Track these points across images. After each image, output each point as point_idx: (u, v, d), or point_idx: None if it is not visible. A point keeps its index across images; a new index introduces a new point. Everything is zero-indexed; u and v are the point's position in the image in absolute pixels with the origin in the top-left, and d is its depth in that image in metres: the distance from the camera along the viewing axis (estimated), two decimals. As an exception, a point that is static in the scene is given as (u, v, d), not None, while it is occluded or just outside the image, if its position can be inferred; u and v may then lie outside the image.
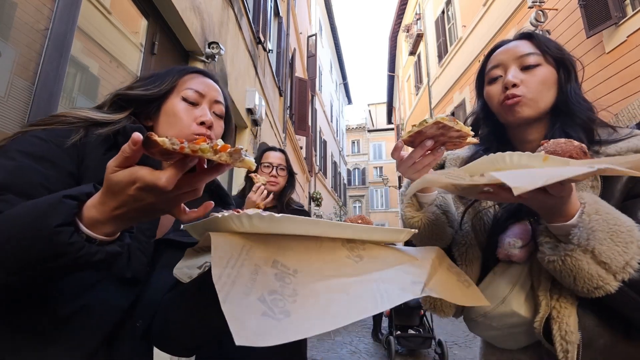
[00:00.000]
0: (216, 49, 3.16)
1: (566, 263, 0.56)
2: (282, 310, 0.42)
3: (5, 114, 1.34)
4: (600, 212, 0.57)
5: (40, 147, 0.58)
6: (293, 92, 9.25)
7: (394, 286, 0.52)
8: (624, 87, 4.62)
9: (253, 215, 0.44)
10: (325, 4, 16.74)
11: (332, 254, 0.53)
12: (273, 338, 0.39)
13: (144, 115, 0.73)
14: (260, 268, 0.44)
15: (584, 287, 0.56)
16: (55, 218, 0.42)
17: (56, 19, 1.52)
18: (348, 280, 0.50)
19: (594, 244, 0.55)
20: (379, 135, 30.94)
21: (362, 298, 0.49)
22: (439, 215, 0.77)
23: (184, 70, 0.77)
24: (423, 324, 4.73)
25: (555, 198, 0.55)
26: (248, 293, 0.41)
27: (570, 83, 0.76)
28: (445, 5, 10.74)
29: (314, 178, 13.04)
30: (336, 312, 0.45)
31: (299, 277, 0.47)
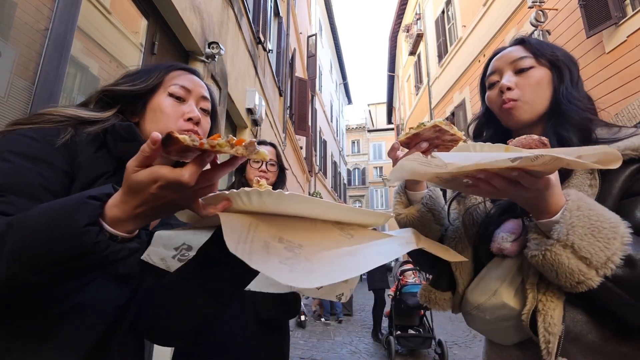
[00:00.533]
0: (216, 49, 3.16)
1: (546, 257, 0.58)
2: (304, 267, 0.44)
3: (5, 114, 1.34)
4: (581, 208, 0.58)
5: (33, 147, 0.58)
6: (293, 92, 9.25)
7: (387, 246, 0.56)
8: (624, 87, 4.62)
9: (263, 192, 0.45)
10: (325, 4, 16.74)
11: (327, 233, 0.57)
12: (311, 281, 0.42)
13: (130, 112, 0.73)
14: (269, 243, 0.46)
15: (567, 281, 0.57)
16: (82, 218, 0.43)
17: (56, 19, 1.52)
18: (351, 248, 0.54)
19: (572, 238, 0.56)
20: (379, 135, 30.94)
21: (370, 254, 0.52)
22: (424, 212, 0.81)
23: (170, 66, 0.77)
24: (423, 324, 4.73)
25: (531, 191, 0.57)
26: (267, 260, 0.43)
27: (563, 83, 0.77)
28: (445, 5, 10.73)
29: (314, 178, 13.05)
30: (351, 267, 0.48)
31: (305, 249, 0.49)
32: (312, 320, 7.14)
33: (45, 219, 0.44)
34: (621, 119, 0.79)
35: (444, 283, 0.85)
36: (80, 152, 0.62)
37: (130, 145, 0.65)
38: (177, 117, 0.71)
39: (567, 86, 0.77)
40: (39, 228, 0.44)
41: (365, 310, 8.00)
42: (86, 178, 0.61)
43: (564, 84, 0.77)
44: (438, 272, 0.87)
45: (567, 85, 0.77)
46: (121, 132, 0.65)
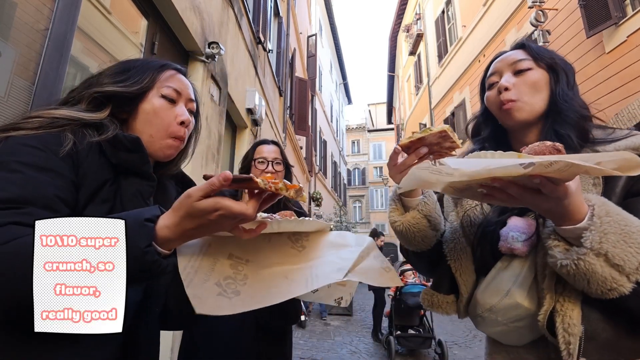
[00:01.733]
0: (216, 49, 3.16)
1: (579, 267, 0.56)
2: (234, 290, 0.54)
3: (5, 114, 1.34)
4: (610, 213, 0.57)
5: (39, 156, 0.58)
6: (293, 92, 9.25)
7: (322, 272, 0.63)
8: (624, 87, 4.62)
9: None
10: (325, 4, 16.74)
11: (279, 245, 0.65)
12: (225, 310, 0.51)
13: (120, 110, 0.73)
14: (218, 260, 0.56)
15: (598, 289, 0.56)
16: (142, 240, 0.50)
17: (56, 19, 1.52)
18: (290, 267, 0.62)
19: (607, 247, 0.55)
20: (379, 135, 30.93)
21: (296, 281, 0.60)
22: (420, 219, 0.80)
23: (163, 66, 0.77)
24: (423, 324, 4.73)
25: (550, 200, 0.56)
26: (207, 280, 0.53)
27: (560, 85, 0.80)
28: (445, 5, 10.73)
29: (314, 178, 13.05)
30: (276, 292, 0.57)
31: (250, 265, 0.59)
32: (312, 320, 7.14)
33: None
34: (621, 119, 0.79)
35: (445, 286, 0.85)
36: (83, 160, 0.63)
37: (132, 156, 0.67)
38: (171, 120, 0.74)
39: (564, 87, 0.79)
40: None
41: (365, 310, 8.00)
42: (91, 187, 0.62)
43: (561, 85, 0.80)
44: (439, 275, 0.87)
45: (563, 87, 0.79)
46: (126, 143, 0.67)
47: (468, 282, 0.81)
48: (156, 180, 0.71)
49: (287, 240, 0.67)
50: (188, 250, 0.54)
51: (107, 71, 0.75)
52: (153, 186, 0.71)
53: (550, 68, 0.81)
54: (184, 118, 0.75)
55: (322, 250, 0.70)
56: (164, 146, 0.73)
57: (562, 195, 0.55)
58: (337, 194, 19.72)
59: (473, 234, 0.83)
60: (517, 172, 0.52)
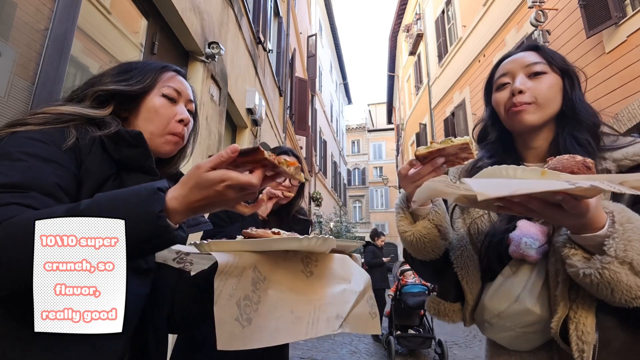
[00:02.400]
0: (216, 49, 3.16)
1: (604, 276, 0.55)
2: (247, 317, 0.55)
3: (5, 114, 1.34)
4: (632, 220, 0.56)
5: (43, 149, 0.60)
6: (293, 92, 9.25)
7: (323, 315, 0.66)
8: (624, 87, 4.62)
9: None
10: (325, 4, 16.74)
11: (292, 267, 0.66)
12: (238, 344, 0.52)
13: (122, 108, 0.75)
14: (245, 271, 0.57)
15: (622, 298, 0.55)
16: (157, 205, 0.51)
17: (56, 19, 1.52)
18: (297, 298, 0.64)
19: (632, 255, 0.54)
20: (379, 135, 30.92)
21: (299, 320, 0.62)
22: (431, 229, 0.78)
23: (164, 67, 0.81)
24: (423, 324, 4.73)
25: (571, 216, 0.54)
26: (232, 295, 0.54)
27: (575, 90, 0.79)
28: (445, 5, 10.73)
29: (314, 178, 13.04)
30: (277, 329, 0.59)
31: (265, 284, 0.60)
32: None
33: (122, 204, 0.51)
34: (621, 119, 0.79)
35: (452, 294, 0.84)
36: (85, 156, 0.64)
37: (135, 151, 0.69)
38: (170, 118, 0.77)
39: (578, 93, 0.79)
40: (118, 210, 0.50)
41: (365, 310, 8.00)
42: (95, 182, 0.64)
43: (576, 90, 0.79)
44: (444, 283, 0.86)
45: (578, 93, 0.79)
46: (128, 138, 0.69)
47: (474, 289, 0.80)
48: (159, 175, 0.73)
49: (299, 262, 0.68)
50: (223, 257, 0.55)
51: (110, 71, 0.77)
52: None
53: (565, 73, 0.80)
54: (183, 116, 0.78)
55: (327, 280, 0.71)
56: (164, 142, 0.76)
57: (584, 212, 0.54)
58: (337, 194, 19.72)
59: (480, 242, 0.81)
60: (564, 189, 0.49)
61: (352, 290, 0.75)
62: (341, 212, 17.44)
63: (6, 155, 0.57)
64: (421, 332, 4.67)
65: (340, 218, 15.92)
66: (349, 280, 0.76)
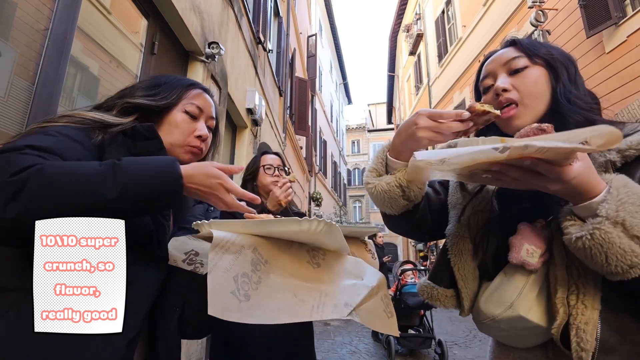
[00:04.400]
0: (216, 49, 3.16)
1: (595, 237, 0.53)
2: (245, 293, 0.55)
3: (5, 114, 1.34)
4: (629, 185, 0.54)
5: (72, 132, 0.67)
6: (293, 92, 9.25)
7: (330, 301, 0.65)
8: (624, 87, 4.62)
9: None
10: (325, 4, 16.73)
11: (297, 256, 0.66)
12: (232, 314, 0.52)
13: (145, 120, 0.80)
14: (243, 249, 0.58)
15: (618, 265, 0.52)
16: (177, 170, 0.62)
17: (56, 19, 1.52)
18: (301, 283, 0.63)
19: (624, 215, 0.52)
20: (379, 135, 30.89)
21: (303, 303, 0.61)
22: (394, 187, 0.76)
23: (191, 85, 0.87)
24: (423, 324, 4.73)
25: (554, 182, 0.54)
26: (228, 269, 0.54)
27: (560, 83, 0.74)
28: (445, 5, 10.73)
29: (314, 178, 13.04)
30: (279, 309, 0.58)
31: (267, 267, 0.60)
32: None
33: (149, 167, 0.61)
34: (621, 119, 0.77)
35: (445, 280, 0.83)
36: (106, 150, 0.71)
37: (149, 143, 0.75)
38: (189, 133, 0.83)
39: (565, 85, 0.74)
40: (147, 169, 0.60)
41: (365, 310, 8.00)
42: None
43: (561, 82, 0.74)
44: (438, 268, 0.85)
45: (564, 84, 0.74)
46: (142, 131, 0.75)
47: (467, 278, 0.79)
48: None
49: (305, 253, 0.68)
50: (222, 236, 0.57)
51: (141, 84, 0.84)
52: None
53: (548, 64, 0.75)
54: (202, 133, 0.84)
55: (336, 274, 0.70)
56: (183, 152, 0.82)
57: (562, 176, 0.53)
58: (337, 194, 19.72)
59: (480, 235, 0.81)
60: (495, 157, 0.51)
61: (363, 284, 0.73)
62: (341, 212, 17.44)
63: (42, 131, 0.65)
64: (421, 332, 4.67)
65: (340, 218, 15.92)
66: (361, 277, 0.75)
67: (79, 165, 0.58)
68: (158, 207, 0.67)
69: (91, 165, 0.58)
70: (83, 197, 0.54)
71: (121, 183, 0.56)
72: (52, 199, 0.53)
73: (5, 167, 0.54)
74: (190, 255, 0.72)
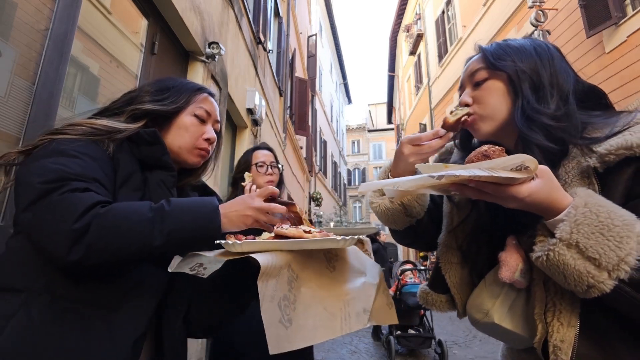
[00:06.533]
0: (216, 49, 3.16)
1: (550, 258, 0.54)
2: (289, 318, 0.56)
3: (5, 114, 1.34)
4: (589, 204, 0.53)
5: (90, 148, 0.69)
6: (293, 92, 9.25)
7: (352, 311, 0.68)
8: (624, 87, 4.61)
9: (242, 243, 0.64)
10: (325, 4, 16.73)
11: (317, 264, 0.69)
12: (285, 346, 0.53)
13: (154, 125, 0.82)
14: (282, 269, 0.59)
15: (577, 285, 0.53)
16: (217, 220, 0.67)
17: (56, 19, 1.52)
18: (326, 294, 0.66)
19: (577, 237, 0.52)
20: (379, 135, 30.93)
21: (333, 317, 0.64)
22: (396, 205, 0.82)
23: (198, 90, 0.88)
24: (423, 324, 4.73)
25: (505, 199, 0.56)
26: (273, 297, 0.55)
27: (521, 97, 0.70)
28: (445, 5, 10.73)
29: (314, 178, 13.04)
30: (315, 327, 0.60)
31: (298, 282, 0.62)
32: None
33: (193, 216, 0.65)
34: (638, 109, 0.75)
35: (440, 286, 0.86)
36: (115, 155, 0.73)
37: (153, 148, 0.77)
38: (199, 136, 0.85)
39: (527, 97, 0.69)
40: (191, 222, 0.64)
41: (365, 310, 8.00)
42: (122, 176, 0.73)
43: (521, 97, 0.70)
44: (434, 275, 0.88)
45: (526, 98, 0.69)
46: (146, 137, 0.76)
47: (458, 285, 0.82)
48: (175, 170, 0.81)
49: (323, 258, 0.71)
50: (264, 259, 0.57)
51: (148, 88, 0.85)
52: (174, 176, 0.81)
53: (509, 77, 0.71)
54: (210, 135, 0.86)
55: (348, 274, 0.75)
56: (192, 154, 0.85)
57: (513, 195, 0.54)
58: (337, 194, 19.72)
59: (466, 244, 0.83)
60: (434, 183, 0.56)
61: (370, 283, 0.78)
62: (341, 212, 17.44)
63: (62, 152, 0.66)
64: (421, 332, 4.67)
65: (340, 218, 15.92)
66: (365, 272, 0.80)
67: (131, 211, 0.62)
68: (195, 249, 0.70)
69: (142, 212, 0.62)
70: (135, 245, 0.60)
71: (166, 231, 0.61)
72: (110, 247, 0.59)
73: (68, 210, 0.58)
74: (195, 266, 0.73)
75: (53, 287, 0.62)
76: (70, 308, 0.62)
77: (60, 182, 0.60)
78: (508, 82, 0.72)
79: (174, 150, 0.82)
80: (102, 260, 0.59)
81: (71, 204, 0.58)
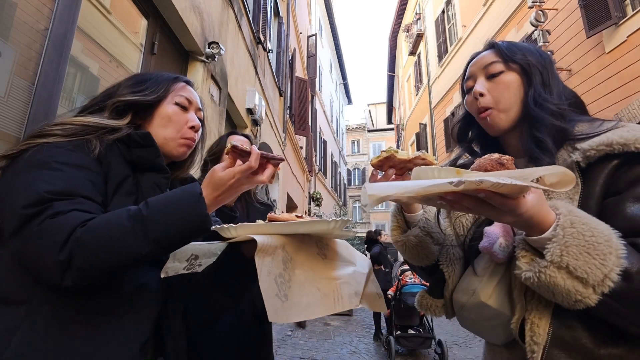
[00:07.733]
0: (216, 49, 3.16)
1: (541, 280, 0.56)
2: (285, 294, 0.59)
3: (5, 114, 1.34)
4: (575, 224, 0.56)
5: (74, 157, 0.67)
6: (293, 92, 9.25)
7: (345, 292, 0.72)
8: (624, 87, 4.61)
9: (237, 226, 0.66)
10: (325, 4, 16.73)
11: (310, 249, 0.72)
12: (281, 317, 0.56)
13: (138, 117, 0.81)
14: (276, 250, 0.62)
15: (564, 301, 0.56)
16: (204, 208, 0.64)
17: (56, 19, 1.52)
18: (319, 276, 0.69)
19: (567, 259, 0.54)
20: (379, 135, 30.92)
21: (326, 297, 0.67)
22: (422, 237, 0.82)
23: (176, 78, 0.87)
24: (423, 324, 4.73)
25: (505, 213, 0.55)
26: (270, 272, 0.58)
27: (532, 88, 0.76)
28: (445, 5, 10.73)
29: (314, 178, 13.04)
30: (309, 304, 0.63)
31: (292, 263, 0.65)
32: (312, 320, 7.14)
33: (176, 213, 0.62)
34: (621, 119, 0.78)
35: (438, 291, 0.87)
36: (104, 160, 0.71)
37: (145, 150, 0.76)
38: (183, 124, 0.84)
39: (537, 89, 0.76)
40: (175, 221, 0.61)
41: (365, 310, 8.00)
42: (115, 182, 0.71)
43: (533, 87, 0.76)
44: (434, 281, 0.88)
45: (536, 89, 0.76)
46: (138, 139, 0.76)
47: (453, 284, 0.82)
48: (168, 172, 0.81)
49: (315, 245, 0.73)
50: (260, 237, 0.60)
51: (125, 82, 0.84)
52: (168, 177, 0.80)
53: (523, 70, 0.78)
54: (195, 123, 0.85)
55: (338, 262, 0.77)
56: (177, 145, 0.83)
57: (514, 209, 0.54)
58: (337, 194, 19.72)
59: (463, 238, 0.84)
60: (450, 190, 0.52)
61: (359, 272, 0.81)
62: (341, 212, 17.43)
63: (44, 165, 0.63)
64: (421, 332, 4.67)
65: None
66: (355, 263, 0.82)
67: (112, 225, 0.59)
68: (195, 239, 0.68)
69: (121, 223, 0.59)
70: (124, 257, 0.59)
71: (151, 238, 0.60)
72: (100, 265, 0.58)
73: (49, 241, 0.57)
74: (191, 260, 0.73)
75: (52, 297, 0.61)
76: (76, 317, 0.62)
77: (40, 205, 0.58)
78: (521, 75, 0.78)
79: (159, 142, 0.80)
80: (98, 276, 0.58)
81: (53, 234, 0.57)
